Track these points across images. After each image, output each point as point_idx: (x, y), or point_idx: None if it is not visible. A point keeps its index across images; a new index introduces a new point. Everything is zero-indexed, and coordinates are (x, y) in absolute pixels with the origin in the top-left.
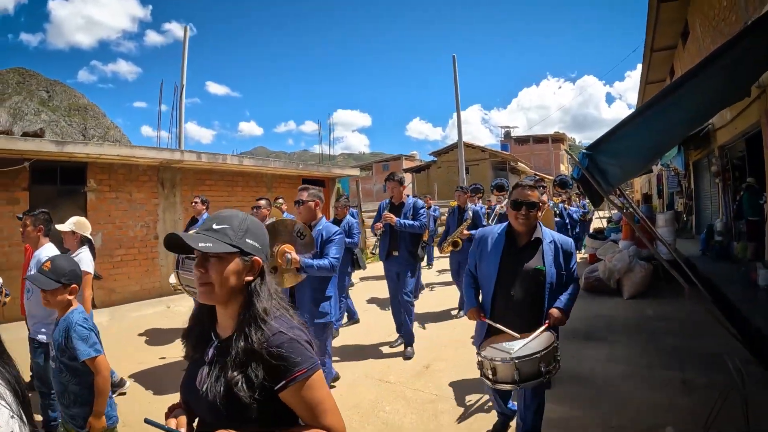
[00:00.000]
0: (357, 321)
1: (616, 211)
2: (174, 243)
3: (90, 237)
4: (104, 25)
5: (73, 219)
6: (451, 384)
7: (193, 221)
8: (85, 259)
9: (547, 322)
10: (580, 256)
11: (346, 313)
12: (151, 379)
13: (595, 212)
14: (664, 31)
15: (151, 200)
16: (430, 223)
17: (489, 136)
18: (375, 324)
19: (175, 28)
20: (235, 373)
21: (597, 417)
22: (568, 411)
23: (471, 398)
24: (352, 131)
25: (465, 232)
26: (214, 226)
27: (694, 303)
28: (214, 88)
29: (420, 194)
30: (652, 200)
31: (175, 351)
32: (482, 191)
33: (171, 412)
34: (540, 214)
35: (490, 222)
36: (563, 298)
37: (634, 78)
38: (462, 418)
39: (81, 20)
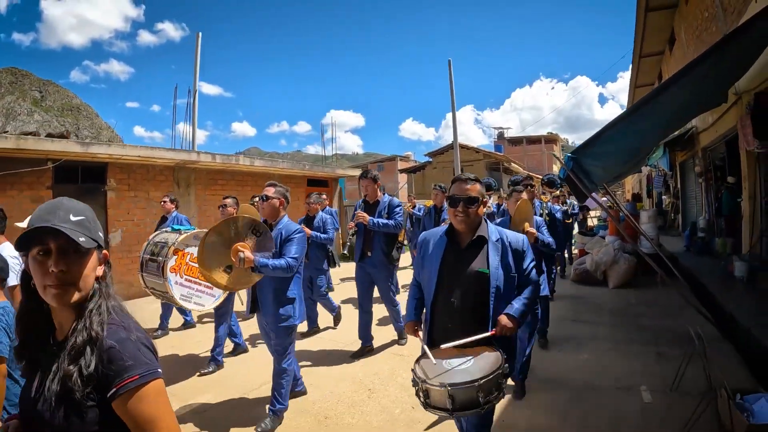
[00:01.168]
0: (338, 317)
1: (598, 212)
2: (30, 236)
3: None
4: (97, 24)
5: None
6: None
7: (163, 220)
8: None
9: (493, 330)
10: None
11: (333, 315)
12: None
13: (590, 211)
14: (651, 39)
15: (164, 197)
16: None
17: (482, 137)
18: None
19: (168, 28)
20: (71, 366)
21: (583, 378)
22: (562, 372)
23: None
24: (345, 132)
25: None
26: (72, 218)
27: (673, 291)
28: (207, 89)
29: (414, 194)
30: (642, 199)
31: (184, 343)
32: None
33: (5, 422)
34: (483, 209)
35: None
36: (515, 303)
37: (626, 79)
38: None
39: (73, 20)
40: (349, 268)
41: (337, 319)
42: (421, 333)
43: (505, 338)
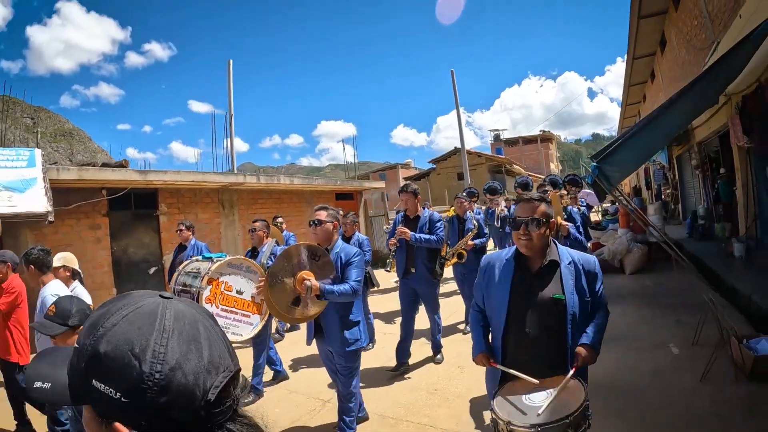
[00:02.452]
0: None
1: (610, 205)
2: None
3: (79, 270)
4: (84, 48)
5: (60, 254)
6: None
7: (182, 248)
8: (82, 293)
9: (574, 366)
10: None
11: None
12: None
13: (592, 208)
14: (643, 42)
15: (214, 219)
16: None
17: (474, 139)
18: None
19: (155, 49)
20: None
21: (624, 340)
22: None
23: None
24: (337, 142)
25: (470, 242)
26: (36, 385)
27: (683, 273)
28: (197, 107)
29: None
30: (641, 192)
31: None
32: (477, 195)
33: None
34: (549, 231)
35: (496, 223)
36: (590, 331)
37: (614, 72)
38: None
39: (60, 45)
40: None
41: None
42: (495, 362)
43: (581, 370)
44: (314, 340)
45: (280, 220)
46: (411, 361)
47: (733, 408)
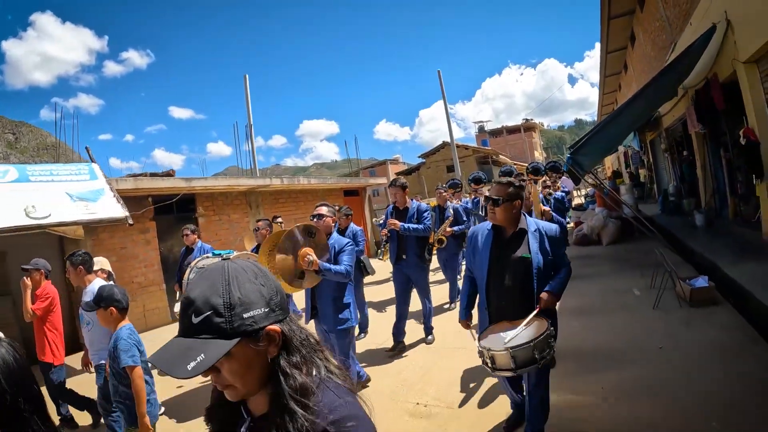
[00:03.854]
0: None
1: (590, 189)
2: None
3: (112, 272)
4: (61, 60)
5: (97, 259)
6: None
7: (189, 251)
8: None
9: (538, 306)
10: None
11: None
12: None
13: (576, 190)
14: (615, 39)
15: (243, 219)
16: None
17: (457, 130)
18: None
19: (133, 56)
20: None
21: (601, 288)
22: (584, 291)
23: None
24: (320, 141)
25: (448, 229)
26: (194, 319)
27: (650, 241)
28: (178, 113)
29: (411, 196)
30: (621, 175)
31: None
32: (460, 186)
33: None
34: (514, 208)
35: (480, 212)
36: (553, 282)
37: (594, 57)
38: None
39: (37, 58)
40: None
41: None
42: (471, 326)
43: (548, 311)
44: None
45: (279, 220)
46: (406, 341)
47: (678, 324)
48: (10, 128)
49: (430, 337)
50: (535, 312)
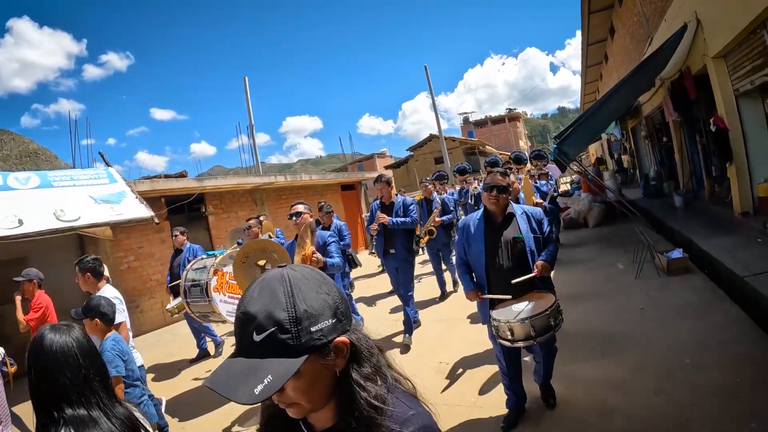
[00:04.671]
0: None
1: (576, 176)
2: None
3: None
4: (40, 66)
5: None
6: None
7: (178, 252)
8: (111, 291)
9: (535, 270)
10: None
11: None
12: None
13: (562, 177)
14: (595, 32)
15: (249, 215)
16: None
17: (440, 122)
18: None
19: (113, 59)
20: None
21: (588, 265)
22: (577, 269)
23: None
24: (304, 137)
25: (437, 219)
26: (255, 337)
27: (632, 222)
28: (160, 114)
29: (402, 189)
30: (605, 162)
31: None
32: (446, 177)
33: None
34: (508, 196)
35: (470, 201)
36: (545, 253)
37: (574, 45)
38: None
39: (15, 65)
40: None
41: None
42: (483, 294)
43: (547, 285)
44: None
45: (263, 217)
46: (390, 330)
47: (656, 289)
48: None
49: (415, 324)
50: (531, 275)
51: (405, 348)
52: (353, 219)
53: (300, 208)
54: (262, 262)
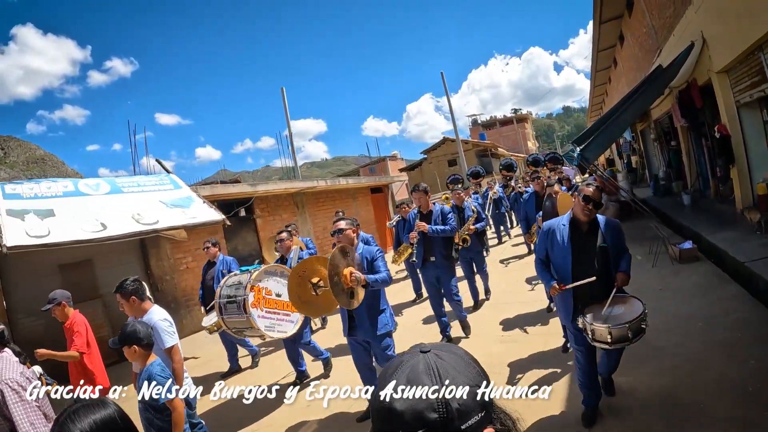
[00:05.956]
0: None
1: (587, 176)
2: None
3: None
4: (44, 73)
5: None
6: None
7: (211, 264)
8: (159, 312)
9: (616, 284)
10: None
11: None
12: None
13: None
14: (605, 39)
15: (292, 218)
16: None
17: (444, 123)
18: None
19: (117, 65)
20: None
21: None
22: None
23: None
24: (309, 140)
25: (471, 227)
26: (449, 396)
27: (645, 219)
28: (165, 119)
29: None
30: (615, 163)
31: (264, 371)
32: (461, 180)
33: None
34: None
35: (487, 207)
36: (623, 264)
37: (578, 44)
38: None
39: (20, 72)
40: None
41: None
42: (565, 286)
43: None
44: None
45: (291, 228)
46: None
47: (671, 275)
48: None
49: (467, 329)
50: (614, 291)
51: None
52: (382, 220)
53: (342, 224)
54: (315, 279)
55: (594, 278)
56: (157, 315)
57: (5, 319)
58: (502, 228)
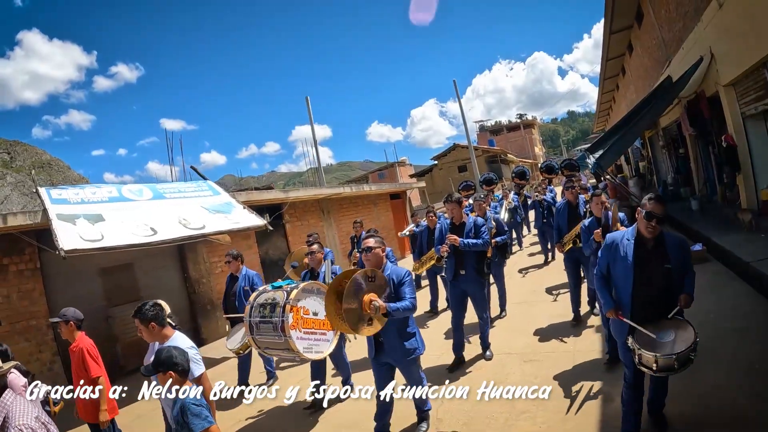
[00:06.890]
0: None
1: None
2: None
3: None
4: (50, 78)
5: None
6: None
7: (233, 278)
8: (181, 339)
9: (679, 304)
10: None
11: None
12: None
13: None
14: (614, 48)
15: (318, 223)
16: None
17: (449, 128)
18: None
19: (123, 71)
20: None
21: None
22: None
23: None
24: (313, 146)
25: (493, 241)
26: None
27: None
28: (170, 125)
29: (426, 201)
30: (623, 170)
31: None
32: (474, 187)
33: None
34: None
35: (504, 214)
36: (687, 284)
37: (582, 48)
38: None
39: (26, 77)
40: None
41: None
42: (623, 317)
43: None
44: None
45: (314, 236)
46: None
47: None
48: (4, 147)
49: (488, 353)
50: (676, 309)
51: (487, 359)
52: (400, 225)
53: (371, 242)
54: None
55: (654, 336)
56: (183, 343)
57: (47, 321)
58: (514, 236)
